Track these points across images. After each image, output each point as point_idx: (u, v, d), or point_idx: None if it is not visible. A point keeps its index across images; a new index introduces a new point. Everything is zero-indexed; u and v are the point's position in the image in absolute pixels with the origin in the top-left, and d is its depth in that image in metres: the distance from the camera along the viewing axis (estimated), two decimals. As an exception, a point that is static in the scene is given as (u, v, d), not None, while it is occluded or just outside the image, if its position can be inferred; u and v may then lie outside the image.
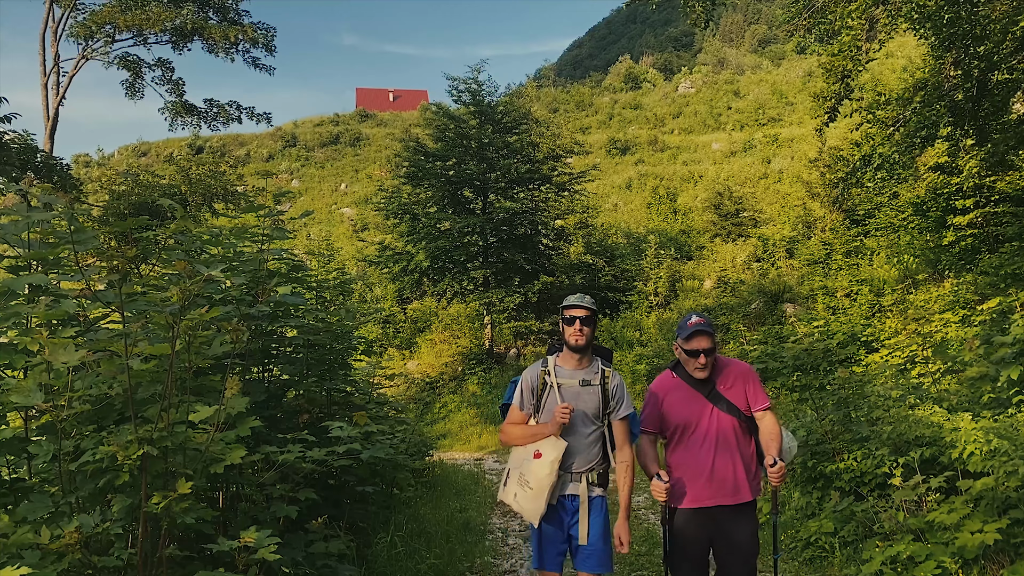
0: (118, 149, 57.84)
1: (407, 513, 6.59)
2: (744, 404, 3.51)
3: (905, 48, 29.15)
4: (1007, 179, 10.48)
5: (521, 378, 3.61)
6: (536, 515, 3.42)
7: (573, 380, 3.53)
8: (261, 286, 4.16)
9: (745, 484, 3.45)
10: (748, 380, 3.55)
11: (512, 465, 3.57)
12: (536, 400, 3.56)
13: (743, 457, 3.48)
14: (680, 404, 3.53)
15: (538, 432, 3.47)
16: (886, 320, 11.55)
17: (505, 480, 3.59)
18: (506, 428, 3.65)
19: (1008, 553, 4.08)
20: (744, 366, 3.64)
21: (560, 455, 3.39)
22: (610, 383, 3.56)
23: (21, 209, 3.08)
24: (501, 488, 3.62)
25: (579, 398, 3.50)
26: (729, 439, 3.47)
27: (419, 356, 20.66)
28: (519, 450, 3.54)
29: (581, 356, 3.54)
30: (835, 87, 10.72)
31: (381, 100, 70.91)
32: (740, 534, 3.45)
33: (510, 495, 3.52)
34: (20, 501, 2.90)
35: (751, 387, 3.54)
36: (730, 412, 3.49)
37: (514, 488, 3.48)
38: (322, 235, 32.04)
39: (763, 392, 3.57)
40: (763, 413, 3.53)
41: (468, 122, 18.66)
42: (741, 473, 3.44)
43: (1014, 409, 5.29)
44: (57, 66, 18.86)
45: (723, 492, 3.43)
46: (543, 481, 3.39)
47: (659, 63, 69.40)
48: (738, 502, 3.44)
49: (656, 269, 20.30)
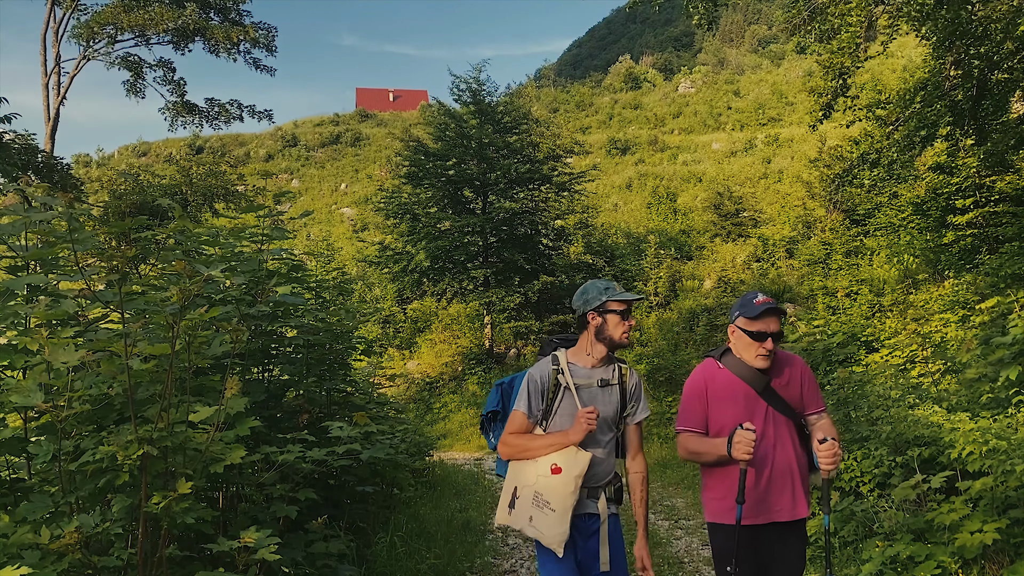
0: (118, 149, 57.88)
1: (407, 513, 6.59)
2: (799, 404, 3.03)
3: (905, 48, 29.16)
4: (1007, 179, 10.49)
5: (526, 378, 3.06)
6: (561, 541, 2.87)
7: (591, 380, 3.03)
8: (261, 286, 4.17)
9: (803, 498, 2.97)
10: (805, 378, 3.06)
11: (519, 483, 2.98)
12: (546, 404, 3.03)
13: (800, 467, 2.99)
14: (729, 401, 2.98)
15: (556, 442, 2.93)
16: (886, 320, 11.55)
17: (511, 501, 2.99)
18: (511, 440, 3.01)
19: (1008, 553, 4.08)
20: (798, 360, 3.14)
21: (585, 469, 2.89)
22: (629, 382, 3.11)
23: (21, 209, 3.08)
24: (505, 511, 3.01)
25: (598, 401, 3.02)
26: (787, 446, 2.97)
27: (419, 356, 20.66)
28: (527, 465, 2.98)
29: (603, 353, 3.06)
30: (832, 84, 10.72)
31: (381, 100, 70.93)
32: (791, 553, 2.98)
33: (522, 518, 2.94)
34: (20, 501, 2.90)
35: (808, 386, 3.05)
36: (786, 413, 2.99)
37: (528, 510, 2.92)
38: (322, 235, 32.09)
39: (820, 392, 3.12)
40: (818, 417, 3.05)
41: (468, 121, 18.67)
42: (799, 485, 2.96)
43: (1013, 409, 5.29)
44: (58, 66, 18.87)
45: (779, 508, 2.94)
46: (567, 500, 2.88)
47: (659, 63, 69.38)
48: (795, 519, 2.96)
49: (656, 269, 20.30)
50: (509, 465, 3.08)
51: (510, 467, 3.07)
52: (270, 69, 20.84)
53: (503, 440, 3.06)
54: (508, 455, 3.05)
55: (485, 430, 3.39)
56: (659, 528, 6.88)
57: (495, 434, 3.32)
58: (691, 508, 7.43)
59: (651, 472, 9.43)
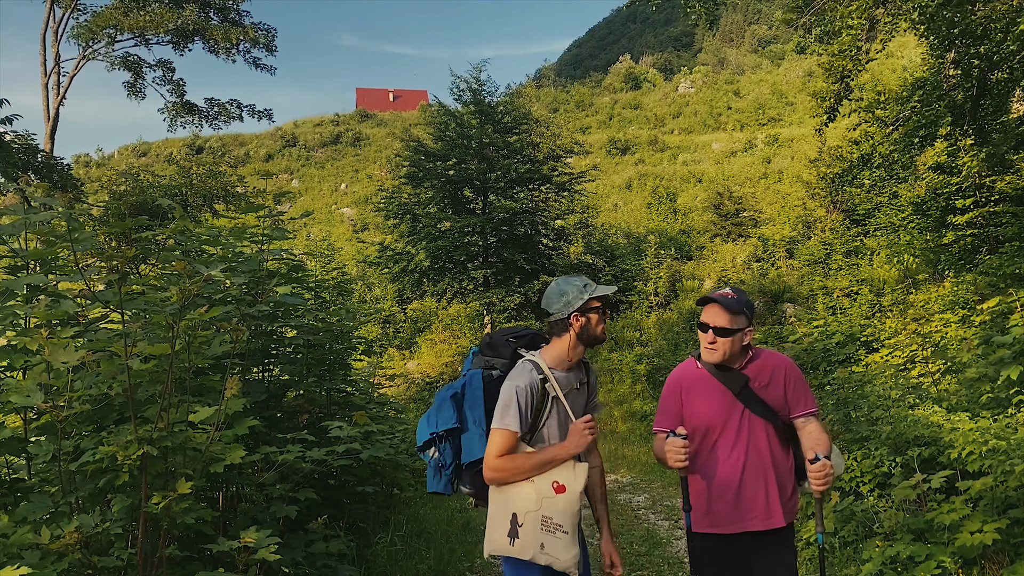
0: (118, 149, 57.93)
1: (407, 513, 6.59)
2: (783, 407, 2.88)
3: (905, 48, 29.16)
4: (1007, 179, 10.48)
5: (512, 392, 2.71)
6: (576, 563, 2.65)
7: (571, 385, 2.83)
8: (261, 286, 4.17)
9: (778, 506, 2.82)
10: (790, 379, 2.89)
11: (517, 508, 2.68)
12: (533, 418, 2.74)
13: (778, 473, 2.86)
14: (704, 401, 2.89)
15: (555, 457, 2.69)
16: (886, 320, 11.55)
17: (514, 530, 2.66)
18: (501, 463, 2.67)
19: (1008, 553, 4.08)
20: (784, 360, 2.96)
21: (585, 482, 2.71)
22: (591, 376, 2.94)
23: (20, 209, 3.08)
24: (504, 541, 2.68)
25: (578, 405, 2.85)
26: (762, 450, 2.85)
27: (419, 356, 20.66)
28: (521, 487, 2.69)
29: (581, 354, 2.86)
30: (835, 87, 10.74)
31: (381, 100, 70.94)
32: (772, 567, 2.84)
33: (530, 547, 2.64)
34: (20, 501, 2.91)
35: (792, 386, 2.88)
36: (764, 416, 2.86)
37: (537, 537, 2.63)
38: (322, 235, 32.08)
39: (808, 393, 2.92)
40: (806, 419, 2.88)
41: (469, 121, 18.68)
42: (775, 492, 2.82)
43: (1013, 409, 5.29)
44: (58, 66, 18.89)
45: (751, 516, 2.82)
46: (575, 519, 2.67)
47: (659, 63, 69.41)
48: (769, 527, 2.83)
49: (656, 269, 20.31)
50: (494, 490, 2.74)
51: (499, 492, 2.72)
52: (270, 68, 20.87)
53: (491, 465, 2.67)
54: (499, 480, 2.70)
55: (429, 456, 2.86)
56: (659, 528, 6.88)
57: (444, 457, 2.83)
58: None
59: (651, 472, 9.50)
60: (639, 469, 9.92)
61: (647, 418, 13.23)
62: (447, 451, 2.83)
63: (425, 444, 2.86)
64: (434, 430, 2.82)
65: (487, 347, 2.96)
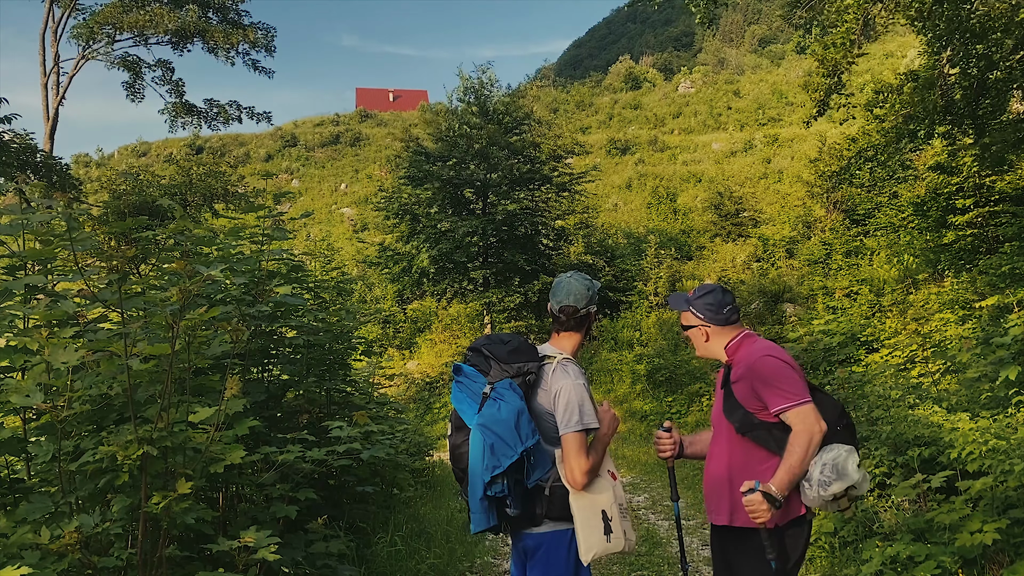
0: (118, 149, 57.97)
1: (407, 513, 6.58)
2: (755, 403, 2.76)
3: (906, 48, 29.17)
4: (1007, 179, 10.49)
5: (584, 393, 2.68)
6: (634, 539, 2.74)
7: None
8: (261, 286, 4.17)
9: (740, 507, 2.71)
10: (755, 372, 2.75)
11: (603, 504, 2.63)
12: None
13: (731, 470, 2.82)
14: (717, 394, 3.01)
15: (607, 445, 2.77)
16: (886, 320, 11.54)
17: (607, 527, 2.61)
18: (594, 464, 2.64)
19: (1008, 553, 4.08)
20: (756, 352, 2.82)
21: None
22: None
23: (19, 209, 3.08)
24: (601, 540, 2.61)
25: None
26: (722, 444, 2.89)
27: (419, 356, 20.67)
28: (602, 483, 2.68)
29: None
30: (826, 81, 10.72)
31: (381, 100, 70.98)
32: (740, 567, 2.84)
33: (622, 537, 2.64)
34: (20, 501, 2.90)
35: (759, 382, 2.74)
36: (728, 412, 2.83)
37: (622, 525, 2.65)
38: (322, 235, 32.09)
39: (778, 389, 2.71)
40: (787, 418, 2.70)
41: (470, 121, 18.69)
42: (736, 491, 2.73)
43: (1013, 409, 5.29)
44: (57, 66, 18.88)
45: (715, 510, 2.89)
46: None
47: (659, 63, 69.43)
48: (732, 524, 2.81)
49: (656, 269, 20.31)
50: (575, 496, 2.61)
51: (581, 497, 2.62)
52: (268, 71, 20.84)
53: (584, 468, 2.58)
54: (590, 482, 2.63)
55: (496, 490, 2.55)
56: (659, 528, 6.88)
57: (506, 486, 2.54)
58: (691, 508, 7.42)
59: (651, 472, 9.49)
60: (639, 469, 9.91)
61: (647, 418, 13.23)
62: (507, 479, 2.59)
63: (494, 478, 2.54)
64: (524, 446, 2.53)
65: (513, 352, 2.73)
